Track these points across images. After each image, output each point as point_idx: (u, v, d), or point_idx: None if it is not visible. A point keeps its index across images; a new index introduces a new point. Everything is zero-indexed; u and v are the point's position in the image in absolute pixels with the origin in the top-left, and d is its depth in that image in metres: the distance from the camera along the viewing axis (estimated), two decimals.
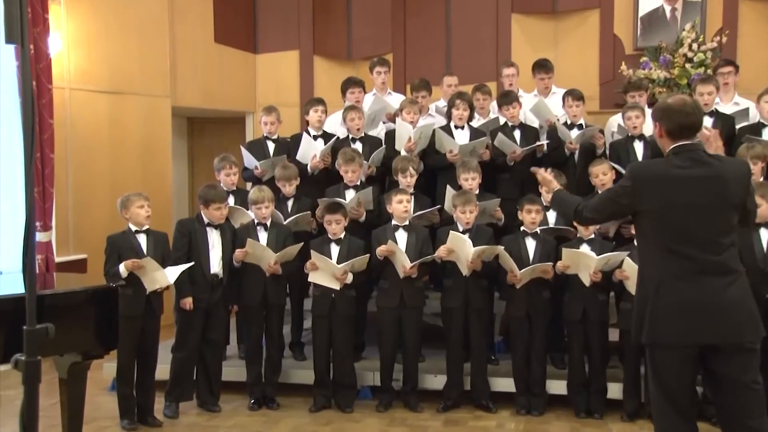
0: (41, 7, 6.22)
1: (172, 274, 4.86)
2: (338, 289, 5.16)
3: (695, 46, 7.35)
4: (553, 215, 5.51)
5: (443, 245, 5.11)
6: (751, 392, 3.08)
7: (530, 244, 5.20)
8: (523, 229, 5.25)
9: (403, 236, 5.28)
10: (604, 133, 6.09)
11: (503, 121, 6.23)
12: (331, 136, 6.20)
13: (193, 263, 5.06)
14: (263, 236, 5.35)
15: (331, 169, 6.02)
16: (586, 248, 5.05)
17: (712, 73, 6.65)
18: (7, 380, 5.56)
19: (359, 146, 6.04)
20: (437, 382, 5.44)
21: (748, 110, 6.08)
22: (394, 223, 5.34)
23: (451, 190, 5.51)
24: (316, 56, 8.71)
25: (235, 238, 5.32)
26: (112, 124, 7.31)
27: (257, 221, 5.38)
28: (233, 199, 5.74)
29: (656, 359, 3.16)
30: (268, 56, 8.79)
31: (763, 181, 4.98)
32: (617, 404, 5.12)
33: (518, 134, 6.09)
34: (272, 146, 6.22)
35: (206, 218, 5.24)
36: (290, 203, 5.77)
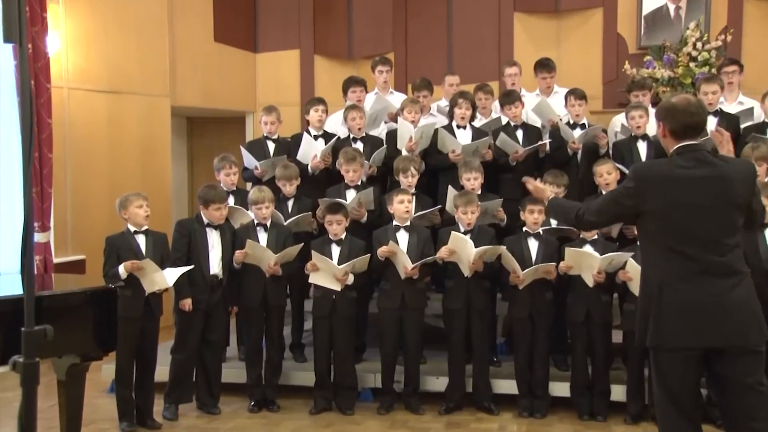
0: (39, 6, 6.21)
1: (171, 276, 4.83)
2: (339, 290, 5.14)
3: (699, 45, 7.31)
4: None
5: (444, 246, 5.09)
6: (755, 394, 3.06)
7: (533, 244, 5.17)
8: (525, 229, 5.22)
9: (404, 237, 5.26)
10: (607, 132, 6.06)
11: (505, 120, 6.21)
12: (331, 135, 6.17)
13: (192, 267, 5.03)
14: (263, 237, 5.32)
15: (331, 169, 6.00)
16: (589, 249, 5.02)
17: (716, 72, 6.61)
18: (5, 382, 5.56)
19: (360, 146, 6.02)
20: (439, 384, 5.41)
21: (752, 109, 6.06)
22: (395, 223, 5.31)
23: (452, 190, 5.49)
24: (316, 55, 8.68)
25: (234, 238, 5.29)
26: (111, 123, 7.29)
27: (257, 222, 5.35)
28: (233, 199, 5.72)
29: (660, 362, 3.13)
30: (268, 55, 8.76)
31: None
32: (621, 407, 5.09)
33: (521, 134, 6.07)
34: (272, 146, 6.20)
35: (206, 219, 5.21)
36: (290, 203, 5.75)
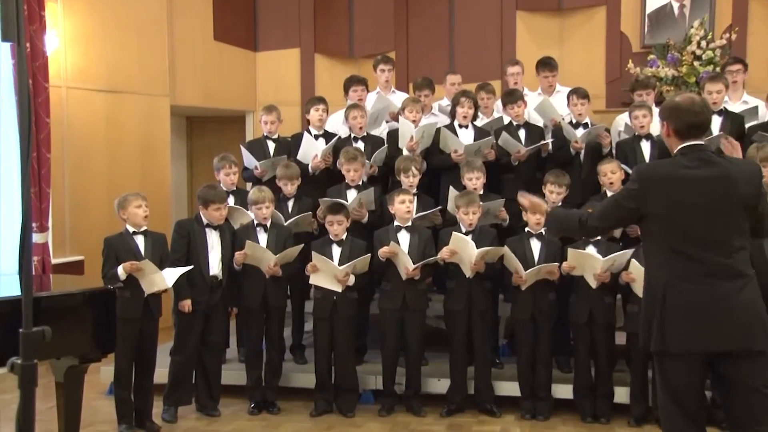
0: (38, 4, 6.20)
1: (170, 276, 4.80)
2: (340, 291, 5.12)
3: (704, 43, 7.26)
4: None
5: (445, 247, 5.06)
6: (761, 397, 3.02)
7: (535, 245, 5.14)
8: (527, 230, 5.19)
9: (405, 237, 5.23)
10: (610, 132, 6.03)
11: (507, 120, 6.18)
12: (332, 135, 6.14)
13: (191, 267, 5.01)
14: (263, 237, 5.29)
15: (332, 169, 5.96)
16: (591, 249, 4.99)
17: (720, 71, 6.57)
18: (3, 384, 5.55)
19: (361, 145, 5.98)
20: (440, 386, 5.38)
21: (757, 108, 6.03)
22: (396, 224, 5.28)
23: (453, 190, 5.46)
24: (317, 54, 8.64)
25: (234, 239, 5.27)
26: (109, 123, 7.25)
27: (257, 222, 5.32)
28: (233, 199, 5.69)
29: (665, 366, 3.10)
30: (268, 54, 8.72)
31: None
32: (624, 409, 5.06)
33: (523, 133, 6.04)
34: (272, 146, 6.16)
35: (205, 219, 5.18)
36: (290, 204, 5.72)
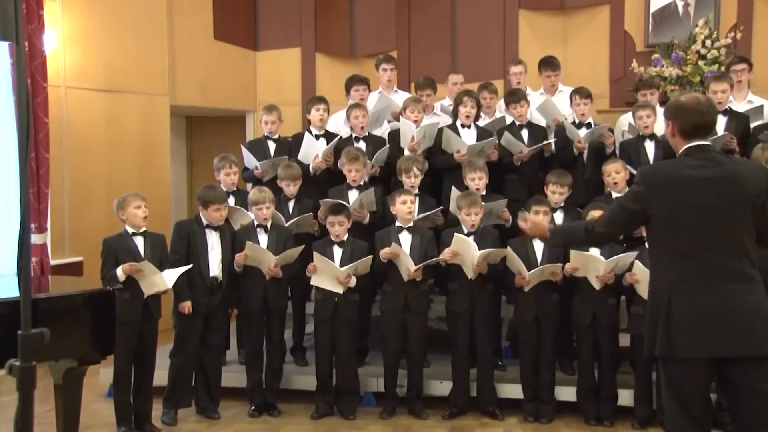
0: (36, 3, 6.20)
1: (170, 277, 4.78)
2: (341, 292, 5.08)
3: (708, 42, 7.22)
4: (561, 216, 5.40)
5: (447, 248, 5.03)
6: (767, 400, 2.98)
7: (538, 246, 5.10)
8: None
9: (407, 238, 5.19)
10: (613, 132, 6.01)
11: (510, 120, 6.15)
12: (333, 135, 6.10)
13: (191, 265, 4.98)
14: (263, 238, 5.25)
15: (333, 169, 5.92)
16: (595, 251, 4.95)
17: (725, 70, 6.52)
18: (1, 386, 5.51)
19: (363, 145, 5.95)
20: (443, 388, 5.35)
21: (762, 108, 6.01)
22: (397, 224, 5.25)
23: (455, 191, 5.44)
24: (318, 53, 8.62)
25: (234, 240, 5.23)
26: (108, 123, 7.23)
27: (257, 223, 5.29)
28: (233, 199, 5.65)
29: (670, 371, 3.06)
30: (268, 53, 8.69)
31: None
32: (628, 411, 5.03)
33: (526, 133, 6.02)
34: (273, 146, 6.13)
35: (205, 220, 5.15)
36: (291, 204, 5.69)
